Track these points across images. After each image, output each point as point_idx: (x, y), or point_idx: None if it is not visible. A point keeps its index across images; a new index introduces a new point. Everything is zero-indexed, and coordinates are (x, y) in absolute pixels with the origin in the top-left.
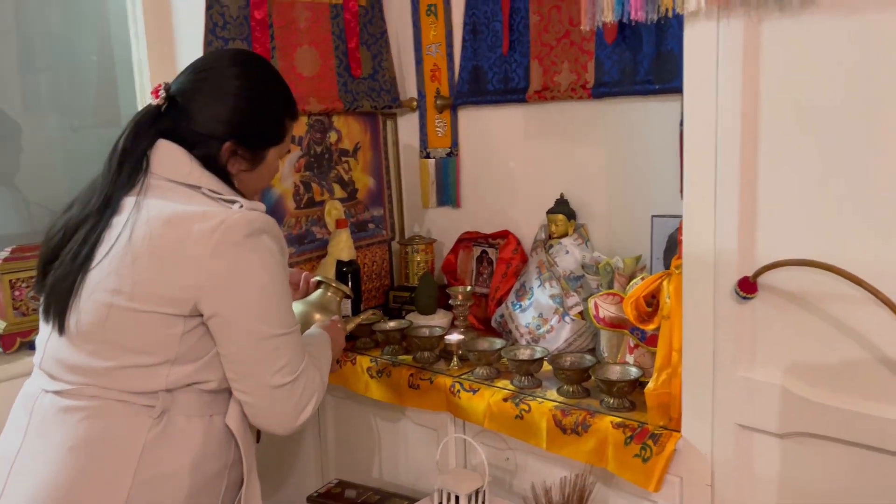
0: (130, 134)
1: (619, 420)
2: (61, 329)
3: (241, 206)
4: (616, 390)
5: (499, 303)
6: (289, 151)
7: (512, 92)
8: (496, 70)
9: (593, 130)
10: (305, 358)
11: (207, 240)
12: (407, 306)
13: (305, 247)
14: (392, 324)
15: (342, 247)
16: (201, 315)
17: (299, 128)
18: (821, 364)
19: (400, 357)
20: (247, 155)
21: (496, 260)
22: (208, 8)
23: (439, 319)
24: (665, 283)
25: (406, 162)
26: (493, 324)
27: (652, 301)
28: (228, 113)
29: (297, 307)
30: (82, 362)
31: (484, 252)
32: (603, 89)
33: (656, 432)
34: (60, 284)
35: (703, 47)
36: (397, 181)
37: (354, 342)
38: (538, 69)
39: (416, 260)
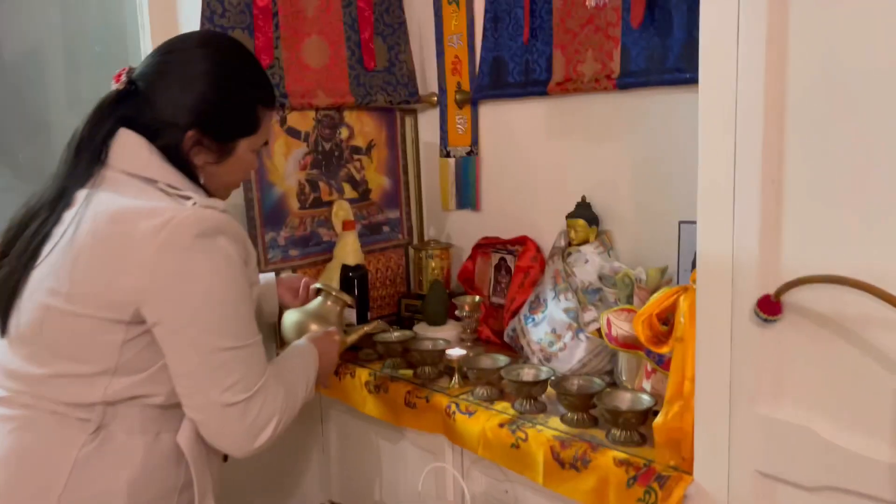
0: (89, 121)
1: (623, 456)
2: (3, 331)
3: (195, 203)
4: (622, 421)
5: (514, 315)
6: (266, 144)
7: (533, 84)
8: (517, 61)
9: (619, 126)
10: (267, 374)
11: (153, 239)
12: (418, 316)
13: (310, 249)
14: (395, 335)
15: (348, 250)
16: (145, 322)
17: (305, 122)
18: (859, 404)
19: (401, 371)
20: (213, 146)
21: (514, 268)
22: None
23: (448, 331)
24: (682, 299)
25: (426, 161)
26: (506, 338)
27: (668, 319)
28: (191, 99)
29: (294, 316)
30: (18, 367)
31: (502, 259)
32: (629, 79)
33: (664, 473)
34: (5, 283)
35: (720, 19)
36: (416, 182)
37: (357, 353)
38: (561, 59)
39: (430, 266)
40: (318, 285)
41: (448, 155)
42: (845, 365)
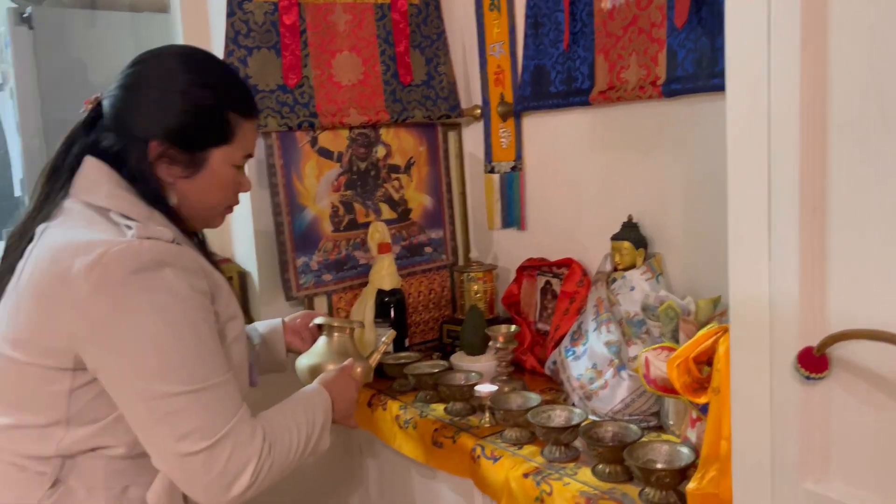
0: (58, 151)
1: None
2: None
3: (133, 234)
4: (655, 480)
5: (557, 345)
6: (249, 156)
7: (575, 93)
8: (559, 69)
9: (667, 137)
10: (238, 416)
11: (86, 278)
12: (458, 343)
13: (345, 273)
14: (425, 365)
15: (384, 274)
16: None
17: (338, 142)
18: None
19: (432, 406)
20: (180, 157)
21: (559, 292)
22: (229, 15)
23: (487, 362)
24: (721, 342)
25: (471, 178)
26: (547, 371)
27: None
28: (151, 106)
29: (307, 361)
30: None
31: (548, 283)
32: (675, 86)
33: None
34: None
35: (746, 21)
36: (461, 199)
37: (392, 383)
38: (604, 65)
39: (472, 289)
40: (317, 321)
41: (493, 171)
42: None
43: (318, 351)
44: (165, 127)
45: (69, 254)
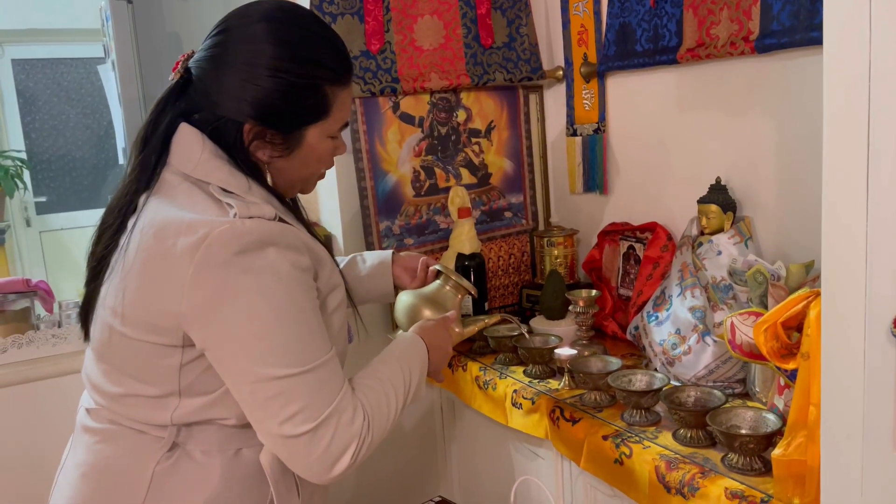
0: (149, 118)
1: (738, 487)
2: (87, 339)
3: (235, 214)
4: (739, 445)
5: (640, 310)
6: (346, 125)
7: (662, 52)
8: (645, 26)
9: (760, 96)
10: (341, 395)
11: (190, 259)
12: (538, 307)
13: (426, 237)
14: (504, 328)
15: (464, 238)
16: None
17: (419, 107)
18: None
19: (511, 368)
20: (277, 138)
21: (642, 258)
22: None
23: (566, 326)
24: (811, 306)
25: (552, 141)
26: (629, 336)
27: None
28: (245, 87)
29: (407, 299)
30: (99, 382)
31: (631, 248)
32: (770, 40)
33: None
34: (87, 289)
35: None
36: (542, 164)
37: (471, 344)
38: (692, 21)
39: (552, 254)
40: (437, 267)
41: (574, 133)
42: None
43: (425, 294)
44: (257, 108)
45: (172, 232)
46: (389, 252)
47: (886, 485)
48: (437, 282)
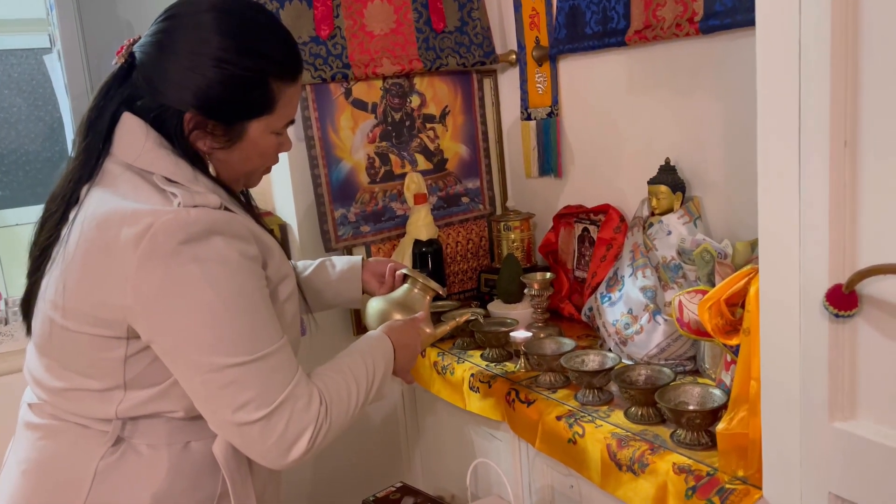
0: (92, 105)
1: (685, 462)
2: (29, 333)
3: (180, 203)
4: (686, 421)
5: (594, 291)
6: (291, 122)
7: (611, 34)
8: (594, 9)
9: (705, 77)
10: (295, 381)
11: (134, 249)
12: (495, 292)
13: (383, 225)
14: (458, 313)
15: (420, 225)
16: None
17: (372, 93)
18: None
19: (469, 352)
20: (218, 129)
21: (596, 240)
22: None
23: (523, 309)
24: (752, 283)
25: (508, 126)
26: (584, 317)
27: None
28: (187, 75)
29: (377, 305)
30: (41, 377)
31: (585, 230)
32: (713, 21)
33: (729, 486)
34: (29, 281)
35: None
36: (498, 148)
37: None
38: (639, 3)
39: (509, 238)
40: (404, 271)
41: (529, 118)
42: None
43: (394, 298)
44: (199, 98)
45: (115, 223)
46: (359, 258)
47: (824, 455)
48: (405, 285)
